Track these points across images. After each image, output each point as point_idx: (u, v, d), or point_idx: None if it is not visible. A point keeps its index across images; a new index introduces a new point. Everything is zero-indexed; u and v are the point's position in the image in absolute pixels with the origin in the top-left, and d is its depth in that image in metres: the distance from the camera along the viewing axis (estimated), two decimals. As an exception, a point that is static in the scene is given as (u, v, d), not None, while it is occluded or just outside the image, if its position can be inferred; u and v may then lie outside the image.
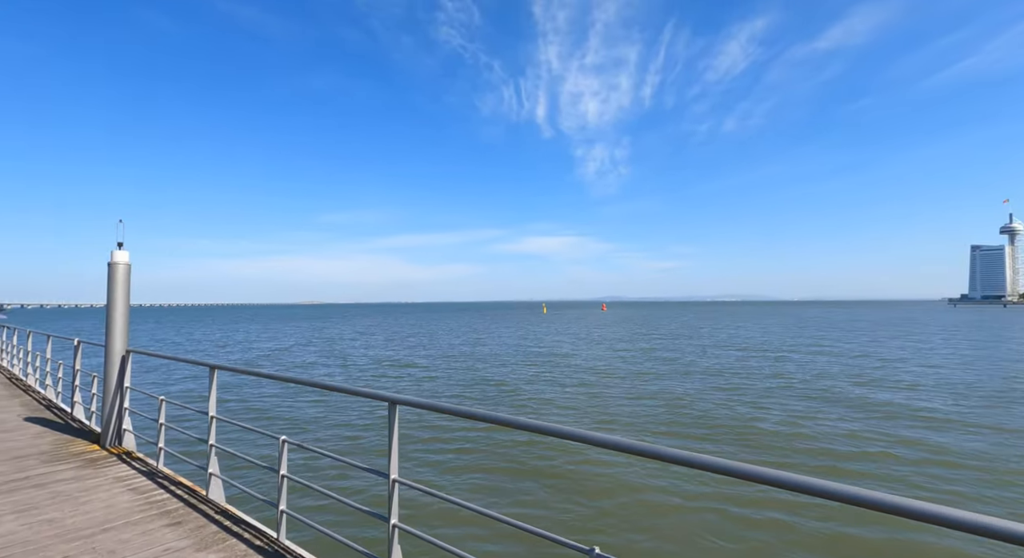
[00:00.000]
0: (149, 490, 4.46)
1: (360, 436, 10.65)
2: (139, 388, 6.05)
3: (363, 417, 12.15)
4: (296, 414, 12.56)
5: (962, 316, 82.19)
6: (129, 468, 5.06)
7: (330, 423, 11.67)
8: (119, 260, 5.93)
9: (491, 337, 38.40)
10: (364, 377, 18.63)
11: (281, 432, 8.97)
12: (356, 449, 9.85)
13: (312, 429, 11.18)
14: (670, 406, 13.27)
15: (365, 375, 19.09)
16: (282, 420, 12.02)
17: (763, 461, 8.94)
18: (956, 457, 9.08)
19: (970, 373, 19.14)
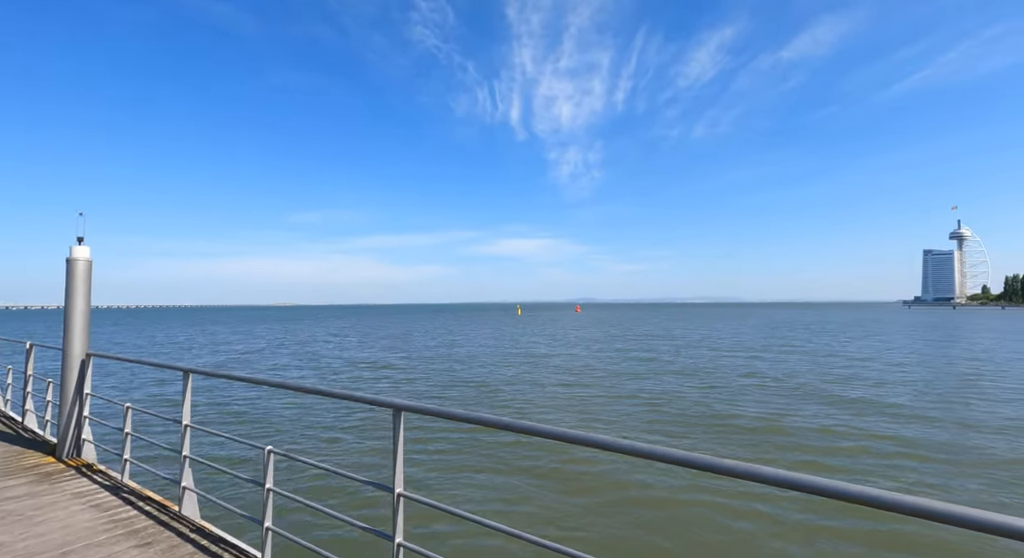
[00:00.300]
0: (114, 507, 4.00)
1: (355, 446, 9.85)
2: (101, 395, 5.59)
3: (358, 424, 11.41)
4: (281, 422, 11.68)
5: (916, 317, 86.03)
6: (90, 482, 4.54)
7: (321, 431, 10.85)
8: (79, 256, 5.40)
9: (467, 338, 38.08)
10: (340, 379, 18.13)
11: (266, 441, 8.39)
12: (352, 460, 9.05)
13: (301, 438, 10.36)
14: (650, 404, 13.33)
15: (340, 377, 18.57)
16: (266, 428, 11.16)
17: (745, 457, 9.01)
18: (923, 449, 9.36)
19: (929, 371, 19.95)
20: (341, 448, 9.77)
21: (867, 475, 8.13)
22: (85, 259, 5.46)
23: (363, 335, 42.77)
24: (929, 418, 11.85)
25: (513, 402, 13.79)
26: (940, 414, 12.25)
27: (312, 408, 12.97)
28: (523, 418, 11.29)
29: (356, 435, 10.60)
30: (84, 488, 4.40)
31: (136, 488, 4.43)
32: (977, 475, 8.11)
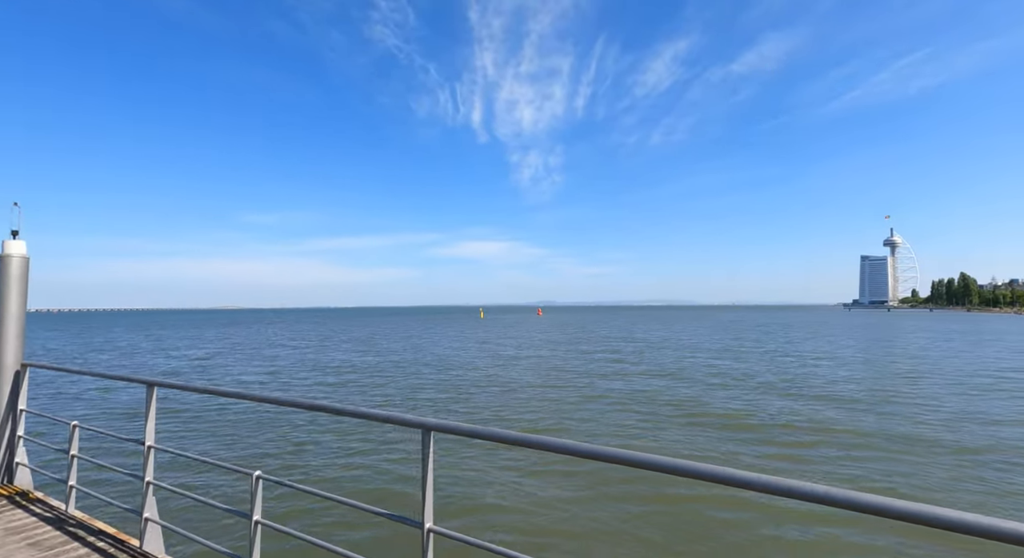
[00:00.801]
0: (58, 543, 3.34)
1: (365, 471, 8.37)
2: (39, 411, 4.90)
3: (366, 444, 9.85)
4: (268, 442, 10.04)
5: (856, 319, 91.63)
6: (26, 514, 3.82)
7: (318, 453, 9.36)
8: (13, 252, 4.61)
9: (432, 341, 37.43)
10: (304, 385, 17.28)
11: (252, 465, 7.49)
12: (362, 487, 7.74)
13: (296, 462, 8.91)
14: (621, 403, 13.41)
15: (305, 383, 17.73)
16: (249, 450, 9.51)
17: (721, 452, 9.11)
18: (879, 439, 9.76)
19: (875, 369, 21.13)
20: (348, 473, 8.31)
21: (832, 463, 8.36)
22: (21, 255, 4.68)
23: (323, 338, 41.31)
24: (881, 412, 12.44)
25: (489, 406, 13.52)
26: (891, 407, 12.89)
27: (305, 426, 11.26)
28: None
29: (365, 457, 9.12)
30: (20, 521, 3.70)
31: (84, 520, 3.76)
32: (925, 460, 8.50)
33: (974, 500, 7.13)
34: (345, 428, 10.93)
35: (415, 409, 13.45)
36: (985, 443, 9.83)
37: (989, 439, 10.10)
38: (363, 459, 9.03)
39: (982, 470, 8.34)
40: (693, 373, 19.66)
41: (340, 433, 10.67)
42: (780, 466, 8.67)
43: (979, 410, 12.82)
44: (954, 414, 12.38)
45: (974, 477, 8.02)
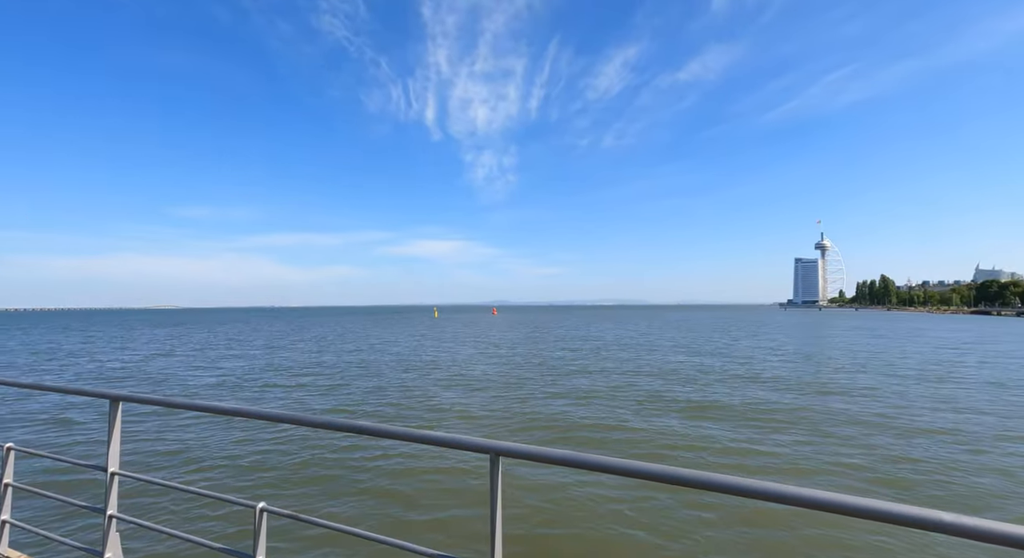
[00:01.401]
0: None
1: (399, 500, 7.06)
2: None
3: (388, 464, 8.48)
4: (259, 467, 8.37)
5: (792, 318, 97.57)
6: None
7: (337, 479, 7.86)
8: None
9: (387, 342, 36.56)
10: (251, 388, 16.35)
11: (254, 495, 6.84)
12: (399, 520, 6.45)
13: (311, 490, 7.43)
14: (586, 399, 13.52)
15: (253, 385, 16.78)
16: (245, 476, 7.97)
17: (692, 443, 9.39)
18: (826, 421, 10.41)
19: (816, 363, 22.53)
20: (376, 503, 6.97)
21: (795, 446, 8.82)
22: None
23: (269, 339, 39.42)
24: (830, 398, 13.27)
25: (454, 407, 13.30)
26: (838, 394, 13.78)
27: (314, 442, 9.66)
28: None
29: (397, 481, 7.74)
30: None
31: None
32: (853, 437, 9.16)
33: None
34: (316, 442, 9.66)
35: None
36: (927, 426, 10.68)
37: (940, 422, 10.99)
38: (393, 483, 7.69)
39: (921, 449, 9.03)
40: (650, 368, 20.22)
41: (354, 452, 9.11)
42: (774, 462, 9.02)
43: (925, 395, 13.93)
44: (896, 401, 13.39)
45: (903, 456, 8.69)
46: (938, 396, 14.59)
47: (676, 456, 9.09)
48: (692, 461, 8.86)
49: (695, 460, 8.88)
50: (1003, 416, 12.05)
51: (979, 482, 7.68)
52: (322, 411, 13.01)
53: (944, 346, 32.18)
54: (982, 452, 9.16)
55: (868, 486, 7.56)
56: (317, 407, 13.39)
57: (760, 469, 8.37)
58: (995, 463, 8.53)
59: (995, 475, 7.99)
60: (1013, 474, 8.00)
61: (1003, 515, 6.56)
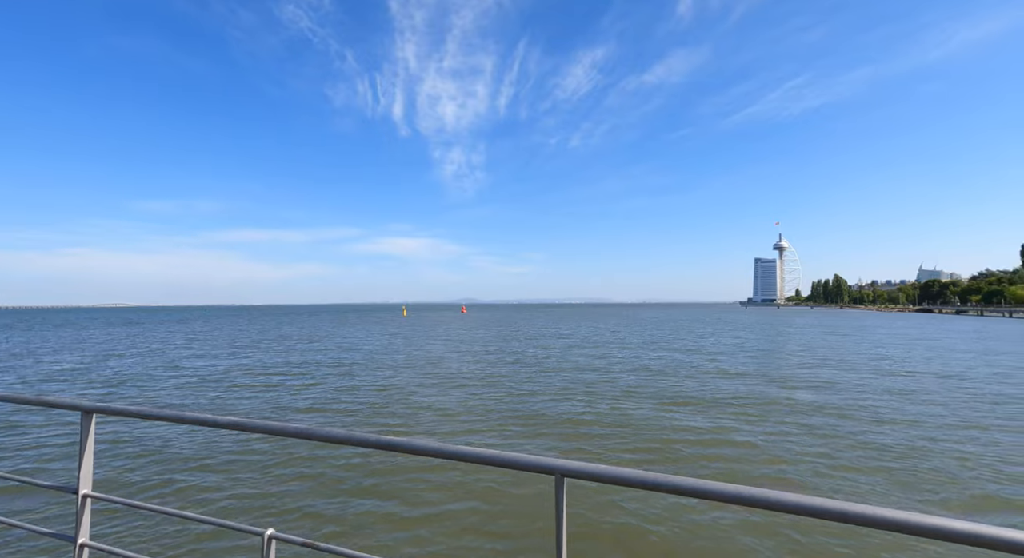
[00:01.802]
0: None
1: (427, 523, 6.26)
2: None
3: (409, 481, 7.62)
4: (261, 487, 7.35)
5: (753, 316, 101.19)
6: None
7: (339, 501, 6.86)
8: None
9: (358, 340, 35.93)
10: (214, 388, 15.78)
11: (258, 520, 6.09)
12: (426, 547, 5.71)
13: (324, 512, 6.53)
14: (562, 396, 13.69)
15: (214, 389, 16.20)
16: (244, 497, 6.98)
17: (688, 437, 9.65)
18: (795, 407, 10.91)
19: (779, 357, 23.48)
20: (400, 533, 6.01)
21: (777, 438, 9.20)
22: None
23: (234, 338, 38.09)
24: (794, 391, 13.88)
25: (431, 407, 13.21)
26: (805, 388, 14.43)
27: (316, 458, 8.64)
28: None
29: (420, 503, 6.87)
30: None
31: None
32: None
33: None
34: (382, 459, 8.47)
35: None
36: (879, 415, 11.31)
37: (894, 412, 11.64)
38: (430, 506, 6.76)
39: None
40: (623, 365, 20.60)
41: (371, 467, 8.13)
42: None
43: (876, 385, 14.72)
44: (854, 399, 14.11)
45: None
46: (892, 388, 15.46)
47: (662, 449, 9.31)
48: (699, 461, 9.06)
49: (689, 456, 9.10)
50: (951, 407, 12.88)
51: (931, 465, 8.21)
52: (323, 422, 12.69)
53: (893, 342, 34.05)
54: (935, 439, 9.78)
55: (834, 471, 7.96)
56: (292, 410, 13.05)
57: (742, 458, 8.68)
58: (945, 449, 9.13)
59: (946, 458, 8.55)
60: (966, 458, 8.58)
61: (954, 497, 7.03)
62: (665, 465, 8.34)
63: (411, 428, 10.80)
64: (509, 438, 10.01)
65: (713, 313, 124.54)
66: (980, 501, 6.90)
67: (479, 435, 10.21)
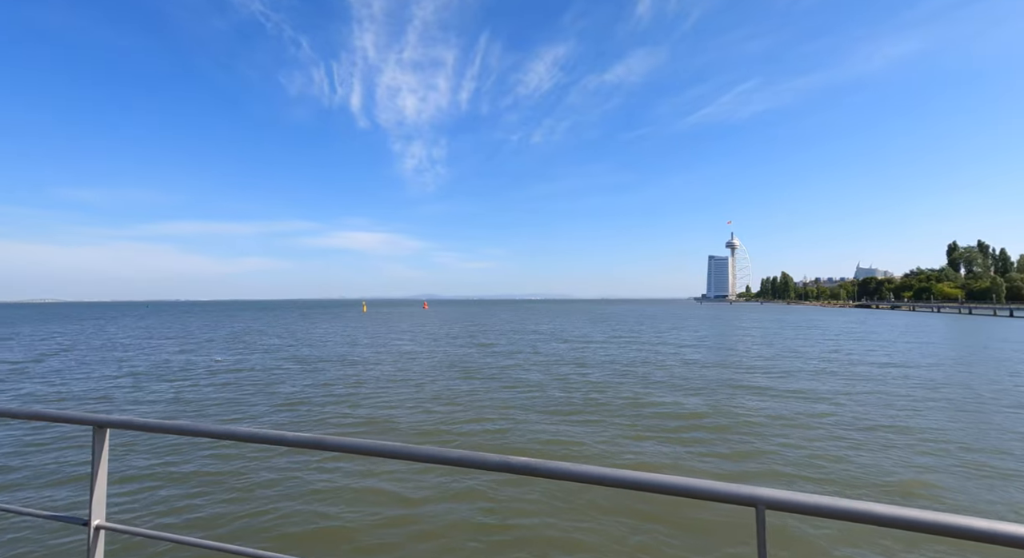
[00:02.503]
0: None
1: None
2: None
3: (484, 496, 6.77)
4: (298, 512, 6.29)
5: (709, 311, 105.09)
6: None
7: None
8: None
9: (318, 337, 34.81)
10: (164, 387, 14.87)
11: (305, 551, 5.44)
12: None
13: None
14: (539, 389, 13.74)
15: (176, 385, 15.28)
16: (275, 525, 6.01)
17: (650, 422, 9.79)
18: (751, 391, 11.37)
19: (736, 352, 24.41)
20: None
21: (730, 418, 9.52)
22: None
23: (183, 334, 36.07)
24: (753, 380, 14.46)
25: (404, 402, 12.93)
26: (763, 380, 15.05)
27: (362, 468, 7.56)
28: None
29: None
30: None
31: None
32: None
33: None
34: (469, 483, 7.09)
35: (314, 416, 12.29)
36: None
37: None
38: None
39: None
40: (592, 359, 20.88)
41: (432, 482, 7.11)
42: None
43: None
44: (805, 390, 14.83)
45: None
46: (841, 376, 16.37)
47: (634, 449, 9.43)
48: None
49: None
50: (891, 392, 13.76)
51: (874, 439, 8.72)
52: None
53: (840, 336, 36.11)
54: (875, 421, 10.40)
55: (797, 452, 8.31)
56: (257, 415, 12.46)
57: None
58: (885, 427, 9.73)
59: (892, 432, 9.11)
60: (908, 430, 9.16)
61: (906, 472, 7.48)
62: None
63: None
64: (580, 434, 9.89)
65: (672, 309, 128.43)
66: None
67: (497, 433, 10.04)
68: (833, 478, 7.41)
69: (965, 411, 11.67)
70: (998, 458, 8.32)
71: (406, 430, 10.21)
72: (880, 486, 7.14)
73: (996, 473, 7.65)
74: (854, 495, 6.71)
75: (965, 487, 7.14)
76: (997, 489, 7.06)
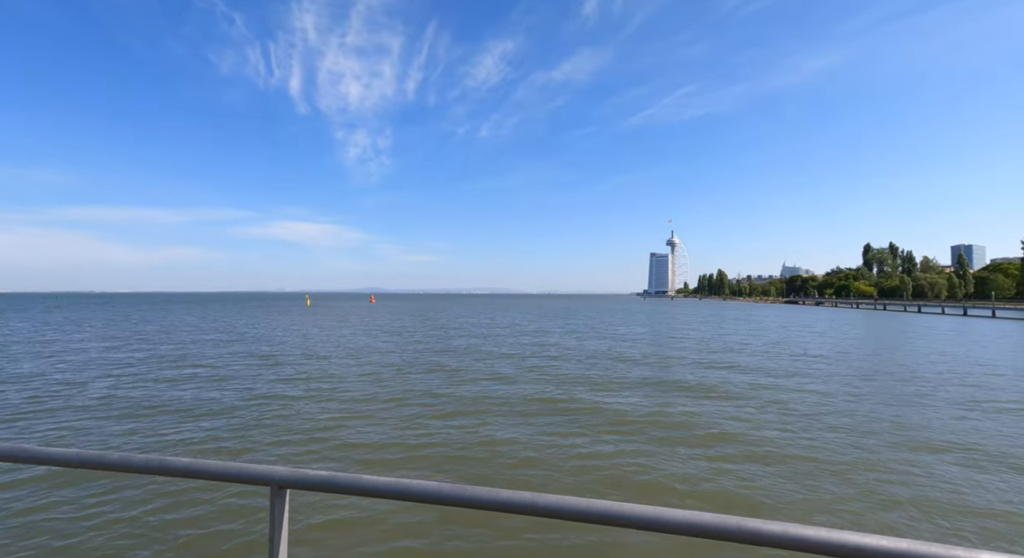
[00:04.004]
0: None
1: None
2: None
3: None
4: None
5: (652, 307, 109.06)
6: None
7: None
8: None
9: (263, 332, 32.60)
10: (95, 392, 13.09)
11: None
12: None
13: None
14: (502, 380, 13.30)
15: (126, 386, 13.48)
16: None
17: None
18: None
19: (682, 342, 25.16)
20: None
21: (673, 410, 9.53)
22: None
23: (108, 326, 32.60)
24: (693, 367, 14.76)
25: (378, 398, 12.09)
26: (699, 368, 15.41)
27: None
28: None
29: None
30: None
31: None
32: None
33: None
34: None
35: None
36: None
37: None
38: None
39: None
40: (553, 352, 20.74)
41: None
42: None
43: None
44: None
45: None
46: (784, 366, 17.14)
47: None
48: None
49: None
50: (824, 380, 14.50)
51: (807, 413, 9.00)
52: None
53: (777, 327, 38.26)
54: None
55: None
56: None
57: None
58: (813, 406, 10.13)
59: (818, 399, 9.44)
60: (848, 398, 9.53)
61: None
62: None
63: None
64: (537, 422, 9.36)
65: (616, 304, 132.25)
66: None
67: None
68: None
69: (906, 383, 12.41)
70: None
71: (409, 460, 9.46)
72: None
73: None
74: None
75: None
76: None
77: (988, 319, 55.65)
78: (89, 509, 5.78)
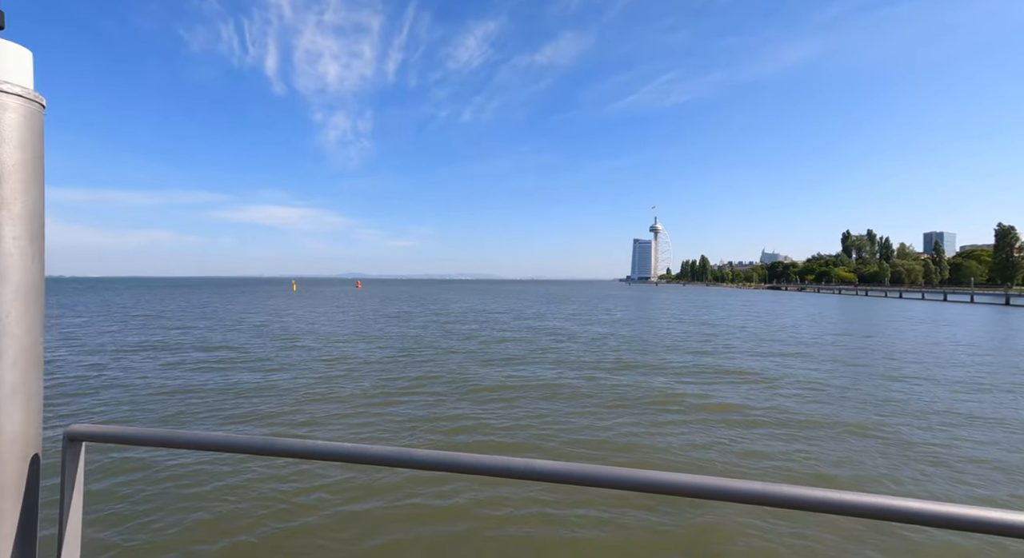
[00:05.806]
0: None
1: None
2: None
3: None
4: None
5: (636, 292, 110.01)
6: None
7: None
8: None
9: (248, 318, 31.64)
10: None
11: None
12: None
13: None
14: (501, 363, 12.94)
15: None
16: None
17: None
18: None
19: (671, 329, 25.16)
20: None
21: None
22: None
23: (83, 318, 31.21)
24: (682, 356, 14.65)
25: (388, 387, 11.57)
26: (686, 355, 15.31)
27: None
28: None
29: None
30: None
31: None
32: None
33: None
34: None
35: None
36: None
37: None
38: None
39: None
40: (555, 336, 20.46)
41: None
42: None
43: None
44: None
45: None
46: (770, 349, 17.17)
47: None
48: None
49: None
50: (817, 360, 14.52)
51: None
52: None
53: (764, 313, 38.70)
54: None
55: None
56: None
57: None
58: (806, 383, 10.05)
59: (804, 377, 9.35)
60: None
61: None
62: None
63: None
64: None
65: (602, 290, 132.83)
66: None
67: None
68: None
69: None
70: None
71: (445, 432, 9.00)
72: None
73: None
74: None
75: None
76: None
77: (968, 305, 57.41)
78: None
